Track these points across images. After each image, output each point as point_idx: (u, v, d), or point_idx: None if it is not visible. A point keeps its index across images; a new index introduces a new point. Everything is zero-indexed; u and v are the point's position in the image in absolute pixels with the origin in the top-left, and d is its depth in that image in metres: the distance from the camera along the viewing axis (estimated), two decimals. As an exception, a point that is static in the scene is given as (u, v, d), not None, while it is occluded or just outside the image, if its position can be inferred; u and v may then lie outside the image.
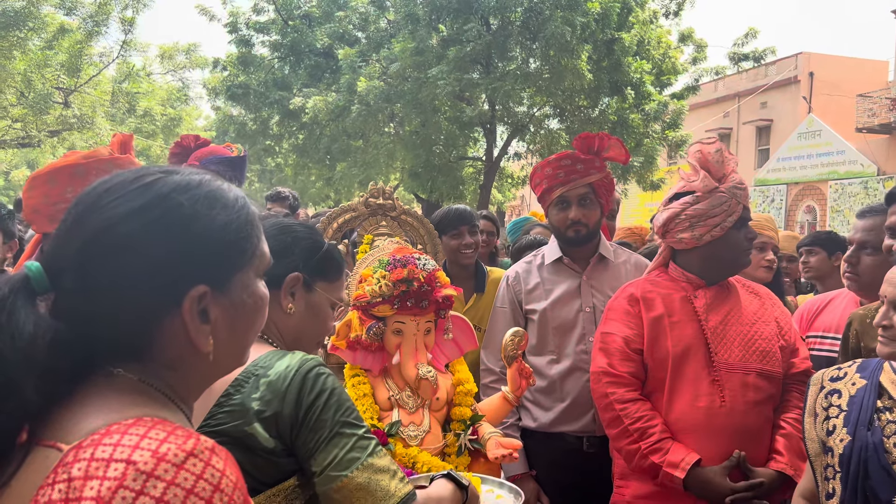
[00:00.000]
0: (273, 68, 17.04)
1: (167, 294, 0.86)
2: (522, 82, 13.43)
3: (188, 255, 0.87)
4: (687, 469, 2.06)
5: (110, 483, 0.70)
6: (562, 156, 2.71)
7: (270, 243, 1.01)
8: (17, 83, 16.10)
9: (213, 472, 0.75)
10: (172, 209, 0.87)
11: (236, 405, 1.31)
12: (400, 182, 18.05)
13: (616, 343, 2.24)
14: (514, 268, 2.89)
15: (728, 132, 25.70)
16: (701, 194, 2.16)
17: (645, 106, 14.53)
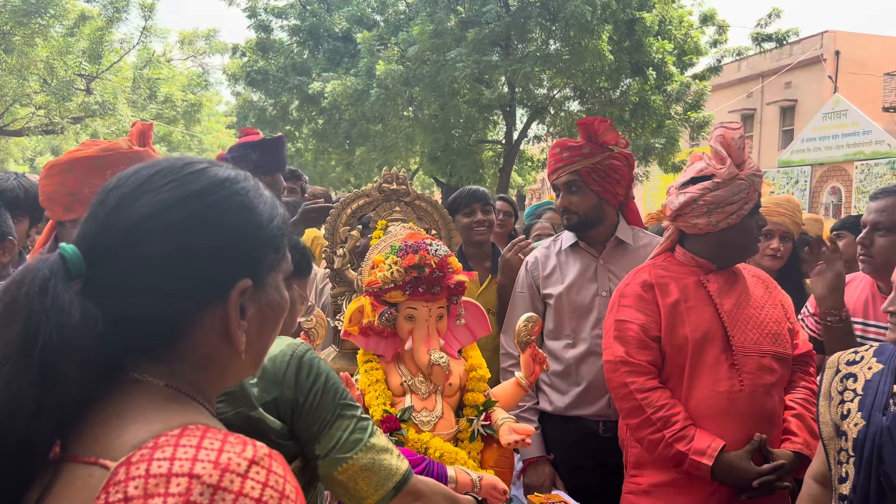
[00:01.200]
0: (292, 53, 17.06)
1: (215, 285, 0.82)
2: (542, 64, 13.32)
3: (239, 246, 0.84)
4: (714, 456, 2.05)
5: (175, 500, 0.67)
6: (556, 144, 2.77)
7: None
8: (40, 70, 16.26)
9: (277, 479, 0.73)
10: (229, 196, 0.84)
11: (235, 392, 1.30)
12: (419, 166, 18.03)
13: (633, 331, 2.20)
14: (533, 253, 2.90)
15: (751, 113, 25.34)
16: (721, 181, 2.13)
17: (667, 87, 14.36)
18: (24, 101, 17.16)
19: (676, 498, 2.16)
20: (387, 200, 2.51)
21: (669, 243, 2.32)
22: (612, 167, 2.68)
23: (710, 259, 2.25)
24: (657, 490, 2.20)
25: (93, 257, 0.78)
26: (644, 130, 14.46)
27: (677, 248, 2.31)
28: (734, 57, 16.84)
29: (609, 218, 2.76)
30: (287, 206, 3.26)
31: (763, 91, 24.87)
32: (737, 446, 2.09)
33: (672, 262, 2.30)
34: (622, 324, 2.23)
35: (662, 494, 2.19)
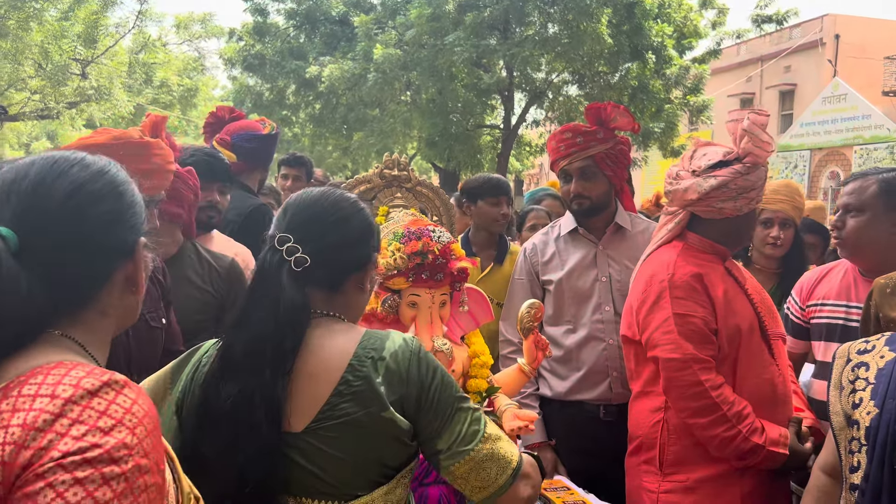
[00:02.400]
0: (289, 37, 16.93)
1: (126, 244, 1.03)
2: (541, 48, 13.25)
3: (135, 210, 1.06)
4: (787, 444, 2.06)
5: (35, 413, 0.82)
6: (565, 129, 2.70)
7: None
8: (35, 55, 16.15)
9: (125, 399, 0.87)
10: (115, 175, 1.05)
11: (362, 391, 1.31)
12: (417, 151, 17.98)
13: (695, 325, 2.11)
14: (531, 239, 2.90)
15: (751, 97, 25.27)
16: (753, 165, 2.11)
17: (666, 70, 14.30)
18: (19, 85, 17.06)
19: (725, 490, 2.12)
20: (388, 186, 2.49)
21: (679, 229, 2.27)
22: (622, 152, 2.67)
23: (726, 244, 2.24)
24: (703, 486, 2.14)
25: (27, 233, 0.94)
26: (643, 115, 14.40)
27: (689, 234, 2.26)
28: (734, 40, 16.78)
29: (612, 203, 2.75)
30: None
31: (762, 75, 24.77)
32: None
33: (693, 249, 2.24)
34: (683, 318, 2.12)
35: (709, 489, 2.13)
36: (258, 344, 1.33)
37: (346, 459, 1.30)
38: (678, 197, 2.22)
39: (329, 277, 1.42)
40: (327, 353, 1.36)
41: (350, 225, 1.46)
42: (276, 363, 1.31)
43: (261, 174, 3.37)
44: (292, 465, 1.30)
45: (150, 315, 2.13)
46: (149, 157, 1.97)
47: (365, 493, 1.32)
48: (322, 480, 1.30)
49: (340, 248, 1.43)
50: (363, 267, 1.48)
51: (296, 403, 1.31)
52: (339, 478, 1.30)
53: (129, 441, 0.84)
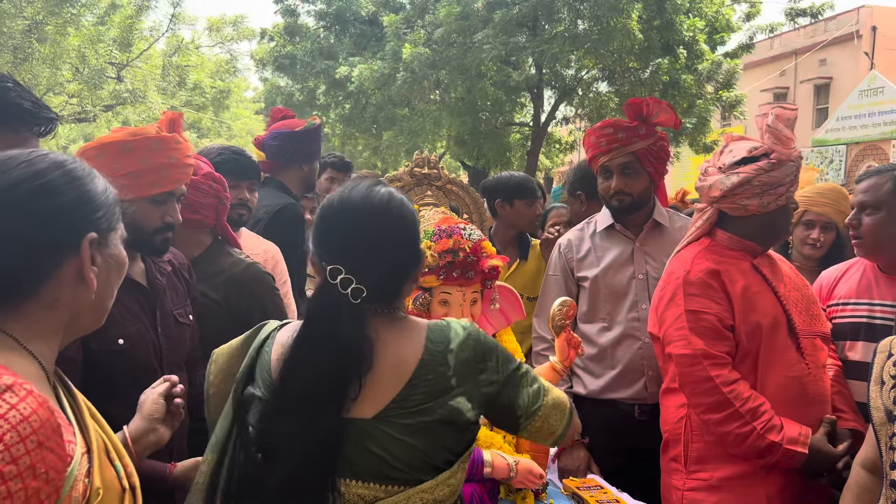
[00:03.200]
0: (319, 38, 17.04)
1: (69, 238, 1.06)
2: (570, 44, 13.15)
3: (83, 207, 1.09)
4: (808, 443, 2.02)
5: None
6: (605, 124, 2.67)
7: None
8: (73, 59, 16.46)
9: (25, 406, 0.89)
10: (67, 172, 1.09)
11: (433, 383, 1.36)
12: (446, 150, 17.97)
13: (708, 322, 2.12)
14: (566, 235, 2.89)
15: (784, 91, 24.83)
16: (777, 161, 2.09)
17: (697, 66, 14.10)
18: (57, 89, 17.40)
19: (750, 490, 2.11)
20: (418, 185, 2.51)
21: (708, 226, 2.27)
22: (663, 148, 2.65)
23: (756, 242, 2.21)
24: (727, 484, 2.13)
25: None
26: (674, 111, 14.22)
27: (719, 232, 2.25)
28: (767, 34, 16.50)
29: (651, 199, 2.73)
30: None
31: (796, 69, 24.33)
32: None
33: (719, 246, 2.24)
34: (696, 315, 2.13)
35: (734, 488, 2.12)
36: (315, 384, 1.34)
37: (415, 446, 1.33)
38: (705, 194, 2.22)
39: (388, 292, 1.43)
40: (396, 350, 1.39)
41: (400, 233, 1.42)
42: (333, 403, 1.33)
43: (301, 172, 3.31)
44: (361, 450, 1.33)
45: (178, 312, 2.15)
46: (166, 152, 2.01)
47: (429, 478, 1.35)
48: (390, 465, 1.33)
49: (395, 264, 1.42)
50: (417, 265, 1.49)
51: (367, 393, 1.35)
52: (407, 463, 1.33)
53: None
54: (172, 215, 2.05)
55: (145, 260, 2.12)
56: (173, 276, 2.19)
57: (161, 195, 2.01)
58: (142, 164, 1.96)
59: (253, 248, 2.85)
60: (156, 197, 2.00)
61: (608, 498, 2.12)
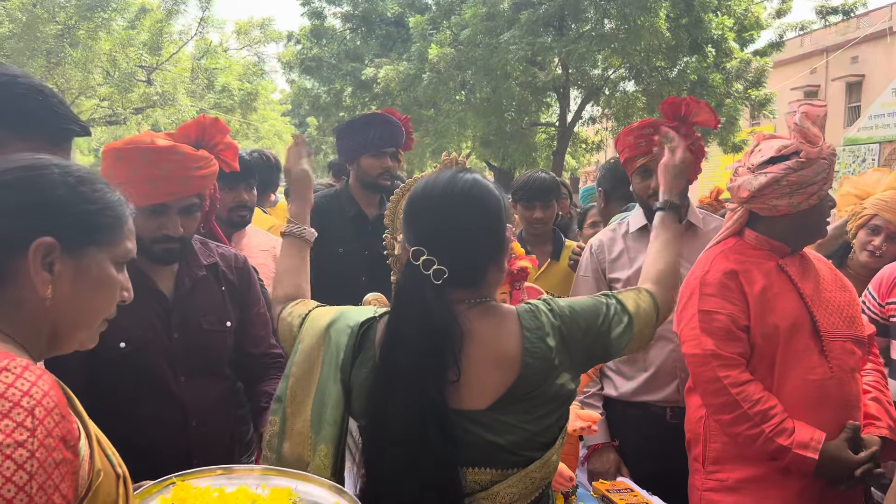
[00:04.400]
0: (345, 39, 17.14)
1: (16, 238, 1.04)
2: (597, 44, 13.10)
3: (35, 210, 1.06)
4: (819, 448, 1.98)
5: None
6: (644, 123, 2.62)
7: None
8: (104, 63, 16.75)
9: (24, 382, 0.91)
10: (27, 176, 1.07)
11: (539, 369, 1.42)
12: (471, 150, 17.97)
13: (720, 322, 2.10)
14: (598, 236, 2.86)
15: (815, 89, 24.46)
16: (806, 160, 2.05)
17: (726, 64, 13.96)
18: (88, 93, 17.71)
19: (767, 493, 2.08)
20: (447, 186, 2.50)
21: (738, 226, 2.24)
22: (700, 148, 2.59)
23: (786, 242, 2.17)
24: (744, 486, 2.11)
25: None
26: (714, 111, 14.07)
27: (747, 232, 2.22)
28: (797, 32, 16.25)
29: (686, 200, 2.70)
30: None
31: (828, 66, 23.97)
32: (830, 436, 2.02)
33: (745, 246, 2.21)
34: (708, 315, 2.12)
35: (751, 490, 2.10)
36: (415, 364, 1.40)
37: (528, 429, 1.39)
38: (735, 194, 2.19)
39: (471, 276, 1.47)
40: (496, 342, 1.45)
41: (481, 219, 1.46)
42: (436, 383, 1.38)
43: (353, 165, 3.24)
44: (476, 439, 1.38)
45: (207, 318, 2.10)
46: (158, 164, 1.93)
47: (539, 455, 1.41)
48: (506, 451, 1.39)
49: (476, 248, 1.46)
50: (500, 251, 1.51)
51: (475, 385, 1.41)
52: (521, 446, 1.40)
53: (30, 423, 0.88)
54: (171, 227, 1.98)
55: (182, 263, 2.09)
56: (210, 280, 2.15)
57: (156, 206, 1.96)
58: (132, 174, 1.91)
59: (261, 243, 2.90)
60: (149, 208, 1.94)
61: (638, 501, 2.10)
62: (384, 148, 3.09)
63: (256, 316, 2.26)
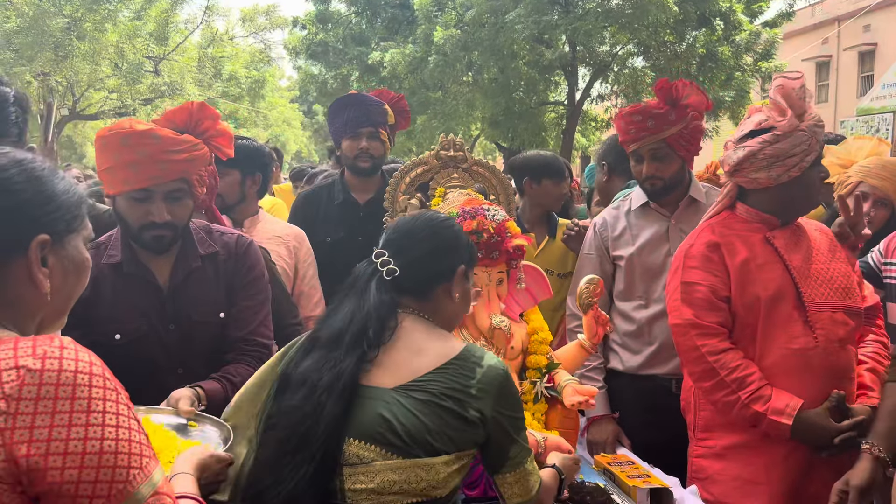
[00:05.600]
0: (350, 24, 17.09)
1: (15, 239, 1.05)
2: (604, 20, 13.00)
3: (34, 208, 1.08)
4: (794, 415, 2.01)
5: (11, 385, 0.92)
6: (634, 110, 2.62)
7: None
8: (111, 55, 16.81)
9: (80, 355, 0.99)
10: (21, 172, 1.08)
11: (454, 378, 1.49)
12: (480, 131, 17.93)
13: (700, 293, 2.15)
14: (601, 214, 2.87)
15: (827, 60, 24.15)
16: (782, 133, 2.06)
17: (735, 37, 13.83)
18: (97, 85, 17.79)
19: (752, 459, 2.12)
20: (445, 167, 2.51)
21: (728, 200, 2.26)
22: (697, 129, 2.59)
23: (775, 213, 2.18)
24: (730, 452, 2.16)
25: None
26: (712, 84, 13.95)
27: (738, 205, 2.24)
28: (807, 1, 16.05)
29: (686, 177, 2.71)
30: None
31: (839, 36, 23.62)
32: (814, 404, 2.05)
33: (735, 219, 2.23)
34: (689, 286, 2.18)
35: (737, 456, 2.14)
36: (339, 331, 1.55)
37: (422, 421, 1.44)
38: (723, 168, 2.23)
39: (418, 286, 1.61)
40: (427, 341, 1.56)
41: (438, 238, 1.65)
42: (354, 345, 1.51)
43: (339, 150, 3.26)
44: (371, 413, 1.46)
45: (199, 310, 2.07)
46: (136, 148, 1.91)
47: (424, 455, 1.44)
48: (395, 433, 1.43)
49: (428, 260, 1.62)
50: (448, 279, 1.62)
51: (389, 367, 1.51)
52: (411, 435, 1.43)
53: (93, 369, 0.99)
54: (157, 213, 1.95)
55: (179, 254, 2.08)
56: (207, 271, 2.11)
57: (138, 192, 1.94)
58: (113, 159, 1.91)
59: (273, 230, 2.87)
60: (133, 194, 1.93)
61: (639, 473, 2.12)
62: (359, 128, 3.06)
63: (248, 300, 2.17)
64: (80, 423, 0.94)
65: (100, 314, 1.98)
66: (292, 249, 2.84)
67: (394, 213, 2.57)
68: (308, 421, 1.45)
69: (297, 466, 1.43)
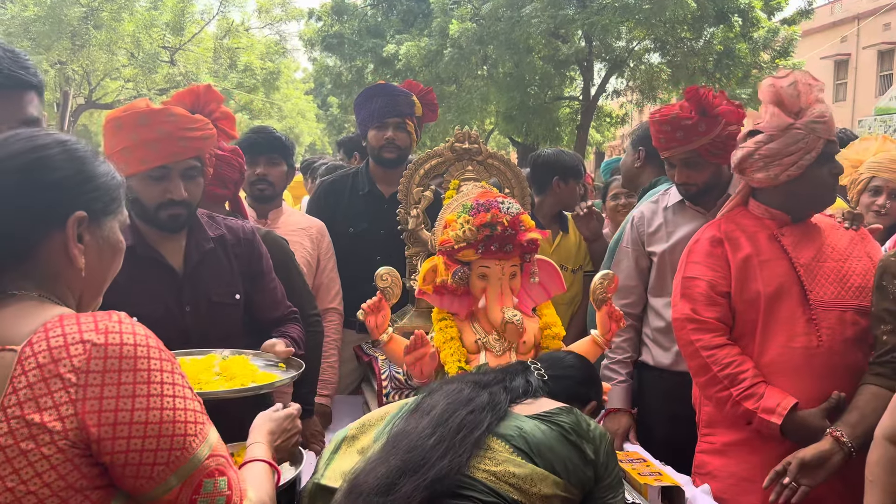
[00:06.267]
0: (366, 16, 17.07)
1: (54, 213, 1.11)
2: (621, 15, 12.90)
3: (73, 186, 1.13)
4: (784, 414, 1.99)
5: (79, 358, 0.99)
6: (664, 119, 2.54)
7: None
8: (128, 44, 16.89)
9: (137, 329, 1.06)
10: (64, 151, 1.14)
11: (576, 418, 1.60)
12: (494, 126, 17.88)
13: (700, 288, 2.16)
14: (639, 208, 2.85)
15: (846, 58, 23.90)
16: (773, 133, 2.04)
17: (753, 34, 13.70)
18: (113, 74, 17.88)
19: (749, 457, 2.11)
20: (459, 160, 2.50)
21: (741, 197, 2.25)
22: (730, 135, 2.46)
23: (785, 210, 2.16)
24: (730, 449, 2.16)
25: None
26: (729, 81, 13.84)
27: (750, 201, 2.23)
28: None
29: (724, 176, 2.67)
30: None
31: (859, 34, 23.37)
32: (813, 404, 2.02)
33: (745, 215, 2.22)
34: (690, 281, 2.19)
35: (735, 454, 2.14)
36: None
37: (549, 440, 1.54)
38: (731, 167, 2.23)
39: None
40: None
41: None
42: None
43: (366, 141, 3.19)
44: (510, 425, 1.57)
45: (216, 292, 2.11)
46: (154, 126, 1.95)
47: (544, 468, 1.53)
48: (525, 441, 1.54)
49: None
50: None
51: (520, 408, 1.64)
52: (538, 447, 1.53)
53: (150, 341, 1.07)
54: (175, 191, 1.99)
55: (189, 236, 2.11)
56: (218, 253, 2.15)
57: (156, 170, 1.96)
58: (130, 139, 1.93)
59: (298, 222, 2.91)
60: (151, 172, 1.96)
61: (651, 471, 2.11)
62: (386, 119, 3.05)
63: (268, 284, 2.26)
64: (142, 395, 1.02)
65: (114, 299, 1.99)
66: (315, 242, 2.89)
67: (408, 204, 2.55)
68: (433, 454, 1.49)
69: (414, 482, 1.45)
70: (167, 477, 1.04)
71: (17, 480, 0.97)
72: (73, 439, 0.98)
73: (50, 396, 0.98)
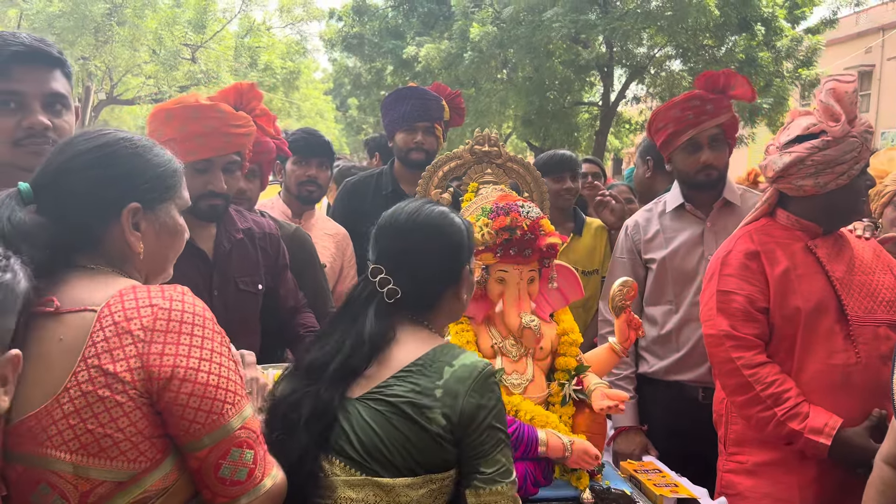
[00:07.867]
0: (387, 17, 17.09)
1: (113, 204, 1.25)
2: (643, 21, 12.80)
3: (129, 179, 1.27)
4: (832, 434, 1.93)
5: (148, 318, 1.15)
6: (689, 96, 2.55)
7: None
8: (150, 41, 17.00)
9: (196, 301, 1.23)
10: (123, 148, 1.28)
11: (418, 383, 1.38)
12: (512, 130, 17.83)
13: (737, 303, 2.07)
14: (634, 216, 2.83)
15: (870, 69, 23.64)
16: (833, 139, 1.97)
17: (776, 43, 13.55)
18: (135, 71, 18.02)
19: (784, 478, 2.05)
20: (478, 162, 2.48)
21: (768, 206, 2.18)
22: (737, 122, 2.58)
23: (817, 222, 2.10)
24: (762, 469, 2.09)
25: (37, 188, 1.24)
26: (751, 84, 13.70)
27: (779, 212, 2.16)
28: (852, 9, 15.70)
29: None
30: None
31: (884, 45, 23.11)
32: (852, 423, 1.97)
33: (774, 226, 2.16)
34: (726, 295, 2.10)
35: (768, 474, 2.08)
36: (327, 358, 1.45)
37: (377, 433, 1.35)
38: (764, 173, 2.15)
39: (422, 300, 1.51)
40: (404, 351, 1.45)
41: (443, 240, 1.52)
42: (339, 378, 1.42)
43: (393, 143, 3.25)
44: (337, 426, 1.39)
45: (242, 280, 2.22)
46: (203, 121, 2.04)
47: (386, 475, 1.35)
48: (351, 446, 1.37)
49: (436, 271, 1.51)
50: (457, 281, 1.54)
51: (365, 377, 1.43)
52: (366, 450, 1.36)
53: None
54: (216, 184, 2.09)
55: (219, 226, 2.20)
56: (246, 244, 2.26)
57: (200, 163, 2.05)
58: (179, 131, 2.01)
59: (326, 227, 3.01)
60: (195, 164, 2.03)
61: (666, 481, 2.07)
62: (415, 122, 3.09)
63: (286, 281, 2.40)
64: (195, 356, 1.16)
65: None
66: (340, 249, 2.99)
67: (425, 206, 2.54)
68: (290, 457, 1.36)
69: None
70: (202, 436, 1.16)
71: (97, 423, 1.10)
72: (140, 389, 1.12)
73: (122, 349, 1.12)
